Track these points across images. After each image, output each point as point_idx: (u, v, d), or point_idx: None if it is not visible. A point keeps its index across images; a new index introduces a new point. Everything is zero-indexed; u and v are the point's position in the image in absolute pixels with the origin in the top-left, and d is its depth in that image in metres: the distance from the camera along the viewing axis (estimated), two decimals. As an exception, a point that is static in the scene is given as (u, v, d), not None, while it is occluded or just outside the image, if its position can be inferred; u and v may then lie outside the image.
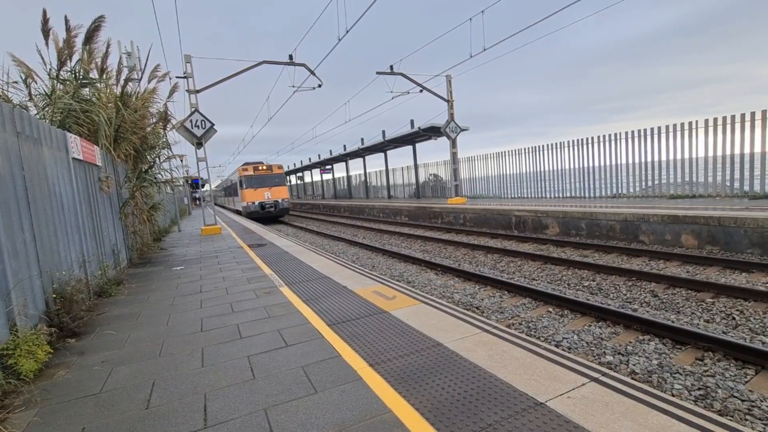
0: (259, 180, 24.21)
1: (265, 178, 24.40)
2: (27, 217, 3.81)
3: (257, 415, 2.34)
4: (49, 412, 2.57)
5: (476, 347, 3.02)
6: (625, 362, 4.07)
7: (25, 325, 3.32)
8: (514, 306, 5.96)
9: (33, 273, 3.75)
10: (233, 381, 2.79)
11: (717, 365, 3.88)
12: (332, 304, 4.42)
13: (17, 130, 3.81)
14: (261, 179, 24.29)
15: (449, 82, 17.58)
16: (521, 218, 12.60)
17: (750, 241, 7.50)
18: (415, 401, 2.35)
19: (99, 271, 5.75)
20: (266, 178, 24.43)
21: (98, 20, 6.81)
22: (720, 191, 11.25)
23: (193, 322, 4.19)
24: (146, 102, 8.95)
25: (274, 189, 24.41)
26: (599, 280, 6.97)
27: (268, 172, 24.65)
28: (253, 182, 24.04)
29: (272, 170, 24.90)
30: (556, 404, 2.23)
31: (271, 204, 23.94)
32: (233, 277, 6.21)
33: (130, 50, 12.66)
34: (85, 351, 3.59)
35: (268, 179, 24.45)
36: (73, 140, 5.39)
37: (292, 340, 3.45)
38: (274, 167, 25.19)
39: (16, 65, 5.95)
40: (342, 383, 2.64)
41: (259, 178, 24.28)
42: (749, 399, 3.29)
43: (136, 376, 3.00)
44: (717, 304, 5.39)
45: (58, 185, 4.71)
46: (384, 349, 3.13)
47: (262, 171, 24.54)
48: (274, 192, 24.34)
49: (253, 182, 24.04)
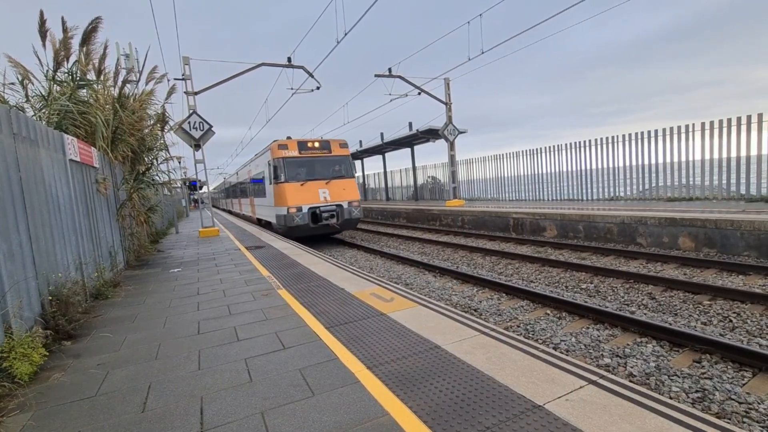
0: (308, 166, 13.43)
1: (320, 164, 13.64)
2: (23, 218, 3.79)
3: (254, 419, 2.32)
4: (44, 415, 2.54)
5: (474, 350, 3.02)
6: (623, 365, 4.07)
7: (20, 328, 3.30)
8: (512, 308, 5.96)
9: (29, 275, 3.73)
10: (230, 384, 2.77)
11: (714, 368, 3.89)
12: (330, 306, 4.41)
13: (14, 131, 3.79)
14: (312, 165, 13.49)
15: (447, 85, 17.63)
16: (519, 220, 12.62)
17: (746, 243, 7.54)
18: (412, 404, 2.35)
19: (95, 273, 5.72)
20: (322, 163, 13.67)
21: (95, 21, 6.80)
22: (717, 194, 11.30)
23: (190, 324, 4.16)
24: (144, 104, 8.94)
25: (337, 184, 13.53)
26: (597, 282, 6.98)
27: (325, 154, 13.74)
28: (299, 170, 13.29)
29: (331, 150, 13.86)
30: (554, 407, 2.23)
31: (332, 210, 13.10)
32: (231, 280, 6.19)
33: (128, 52, 12.66)
34: (81, 354, 3.56)
35: (324, 166, 13.69)
36: (70, 142, 5.37)
37: (289, 343, 3.44)
38: (334, 145, 14.00)
39: (13, 66, 5.94)
40: (340, 386, 2.63)
41: (308, 163, 13.42)
42: (747, 401, 3.30)
43: (133, 379, 2.97)
44: (714, 307, 5.40)
45: (54, 187, 4.69)
46: (382, 351, 3.12)
47: (316, 151, 13.64)
48: (337, 189, 13.44)
49: (299, 170, 13.29)
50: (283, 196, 12.77)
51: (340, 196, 13.31)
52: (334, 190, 13.32)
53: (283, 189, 12.82)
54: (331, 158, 13.80)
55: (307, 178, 13.18)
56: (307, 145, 13.41)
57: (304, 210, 12.66)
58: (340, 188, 13.45)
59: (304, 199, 12.77)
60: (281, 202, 12.84)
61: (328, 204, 13.07)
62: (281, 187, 12.92)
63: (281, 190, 12.89)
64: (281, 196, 12.86)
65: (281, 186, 12.92)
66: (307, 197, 12.84)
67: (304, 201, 12.75)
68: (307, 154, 13.39)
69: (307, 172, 13.32)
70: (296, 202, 12.63)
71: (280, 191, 12.91)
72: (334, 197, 13.20)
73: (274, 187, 13.30)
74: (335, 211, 13.08)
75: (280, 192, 12.91)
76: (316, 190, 13.04)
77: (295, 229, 12.68)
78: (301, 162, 13.28)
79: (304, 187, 12.94)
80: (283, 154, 13.06)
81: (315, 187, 13.08)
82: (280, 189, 12.98)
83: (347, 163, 14.14)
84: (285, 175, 12.91)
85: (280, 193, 12.95)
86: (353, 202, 13.55)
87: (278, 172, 13.06)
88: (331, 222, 12.95)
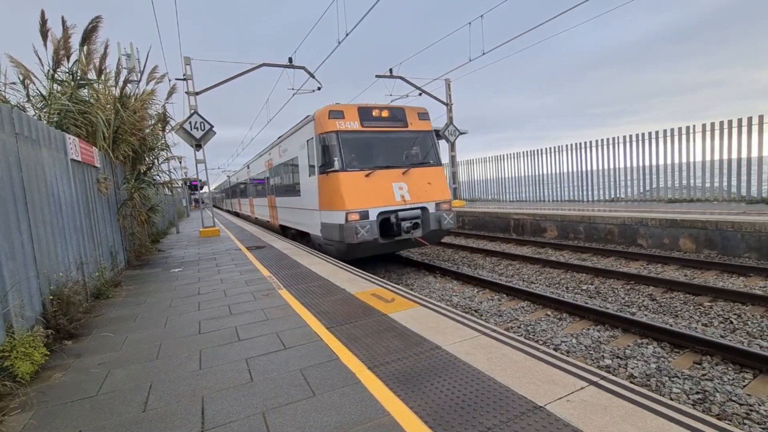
0: (375, 147, 8.74)
1: (393, 144, 8.94)
2: (25, 218, 3.80)
3: (255, 419, 2.32)
4: (46, 414, 2.55)
5: (475, 350, 3.02)
6: (624, 366, 4.07)
7: (21, 327, 3.30)
8: (512, 309, 5.96)
9: (30, 274, 3.73)
10: (231, 384, 2.77)
11: (715, 369, 3.89)
12: (331, 306, 4.41)
13: (16, 131, 3.80)
14: (380, 146, 8.80)
15: (448, 86, 17.65)
16: (520, 221, 12.62)
17: (747, 245, 7.53)
18: (413, 404, 2.35)
19: (96, 273, 5.73)
20: (395, 142, 8.96)
21: (95, 20, 6.81)
22: (717, 195, 11.29)
23: (191, 324, 4.17)
24: (145, 103, 8.95)
25: (418, 175, 8.79)
26: (597, 283, 6.98)
27: (399, 128, 8.96)
28: (361, 153, 8.51)
29: (406, 122, 9.07)
30: (555, 408, 2.23)
31: (415, 216, 8.32)
32: (231, 280, 6.19)
33: (129, 52, 12.68)
34: (82, 353, 3.56)
35: (398, 146, 8.97)
36: (72, 141, 5.38)
37: (290, 343, 3.44)
38: (410, 114, 9.16)
39: (14, 66, 5.95)
40: (340, 386, 2.63)
41: (375, 142, 8.74)
42: (747, 403, 3.29)
43: (134, 378, 2.98)
44: (715, 308, 5.40)
45: (56, 186, 4.69)
46: (383, 351, 3.12)
47: (385, 123, 8.82)
48: (419, 183, 8.72)
49: (361, 153, 8.51)
50: (336, 193, 7.87)
51: (425, 195, 8.46)
52: (416, 184, 8.44)
53: (337, 183, 7.87)
54: (407, 135, 8.88)
55: (375, 165, 8.25)
56: (372, 114, 8.50)
57: (371, 216, 7.78)
58: (423, 181, 8.57)
59: (372, 199, 7.92)
60: (333, 203, 7.98)
61: (408, 206, 8.16)
62: (333, 180, 7.96)
63: (333, 185, 7.96)
64: (333, 194, 7.96)
65: (334, 178, 7.97)
66: (376, 196, 7.96)
67: (372, 202, 7.89)
68: (373, 126, 8.47)
69: (374, 157, 8.43)
70: (359, 204, 7.77)
71: (332, 186, 8.00)
72: (416, 196, 8.35)
73: (320, 179, 8.47)
74: (419, 218, 8.17)
75: (332, 187, 8.00)
76: (388, 184, 8.12)
77: (357, 248, 7.86)
78: (364, 140, 8.40)
79: (370, 181, 7.99)
80: (336, 127, 8.10)
81: (387, 180, 8.15)
82: (331, 183, 8.06)
83: (431, 143, 9.10)
84: (341, 161, 7.96)
85: (330, 190, 8.06)
86: (442, 203, 8.60)
87: (329, 154, 8.12)
88: (414, 235, 8.08)
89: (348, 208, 7.70)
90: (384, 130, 8.68)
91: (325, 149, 8.30)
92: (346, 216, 7.65)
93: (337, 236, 7.88)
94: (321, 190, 8.53)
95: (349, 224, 7.59)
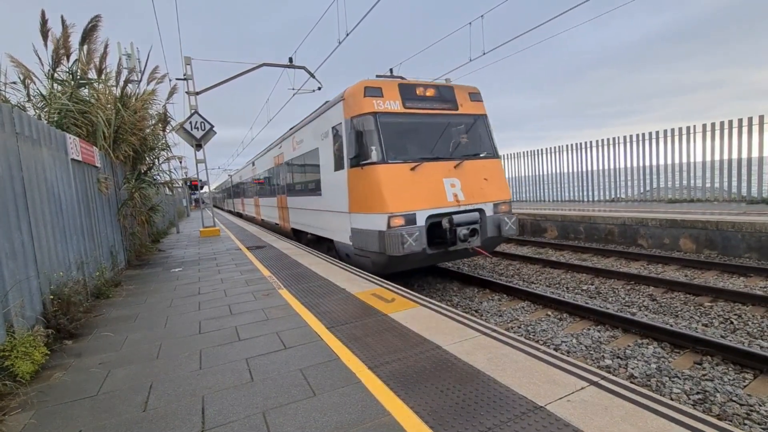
0: (419, 134, 7.00)
1: (440, 131, 7.15)
2: (25, 218, 3.80)
3: (255, 418, 2.32)
4: (46, 414, 2.55)
5: (475, 350, 3.02)
6: (624, 366, 4.07)
7: (22, 327, 3.30)
8: (513, 309, 5.96)
9: (30, 274, 3.73)
10: (231, 384, 2.77)
11: (715, 369, 3.89)
12: (331, 306, 4.41)
13: (16, 130, 3.80)
14: (426, 132, 7.04)
15: (448, 86, 17.61)
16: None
17: (747, 245, 7.53)
18: (414, 404, 2.35)
19: (97, 273, 5.73)
20: (442, 128, 7.18)
21: (95, 19, 6.80)
22: (718, 195, 11.29)
23: (191, 324, 4.17)
24: (146, 103, 8.95)
25: (473, 168, 7.06)
26: (598, 283, 6.98)
27: (447, 111, 7.19)
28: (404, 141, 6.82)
29: (456, 103, 7.31)
30: (555, 408, 2.23)
31: (472, 220, 6.61)
32: (232, 279, 6.19)
33: (130, 52, 12.68)
34: (82, 353, 3.56)
35: (446, 133, 7.21)
36: (72, 141, 5.38)
37: (290, 343, 3.44)
38: (460, 94, 7.40)
39: (15, 66, 5.95)
40: (341, 386, 2.63)
41: (419, 128, 7.00)
42: (748, 403, 3.29)
43: (134, 378, 2.98)
44: (715, 308, 5.40)
45: (56, 186, 4.70)
46: (383, 351, 3.12)
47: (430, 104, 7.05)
48: (473, 178, 6.98)
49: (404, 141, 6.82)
50: (374, 192, 6.29)
51: (481, 193, 6.88)
52: (470, 180, 6.86)
53: (377, 178, 6.27)
54: (458, 119, 7.27)
55: (421, 156, 6.67)
56: (416, 92, 6.89)
57: (419, 221, 6.27)
58: (479, 177, 6.98)
59: (419, 198, 6.34)
60: (370, 204, 6.40)
61: (462, 208, 6.61)
62: (371, 175, 6.36)
63: (370, 182, 6.36)
64: (370, 192, 6.38)
65: (371, 173, 6.36)
66: (424, 195, 6.40)
67: (419, 203, 6.32)
68: (417, 108, 6.84)
69: (419, 146, 6.83)
70: (405, 206, 6.19)
71: (368, 183, 6.41)
72: (471, 195, 6.77)
73: (351, 175, 6.85)
74: (478, 223, 6.62)
75: (368, 184, 6.42)
76: (438, 180, 6.57)
77: (400, 262, 6.34)
78: (407, 125, 6.82)
79: (417, 176, 6.42)
80: (374, 107, 6.50)
81: (436, 176, 6.59)
82: (366, 179, 6.45)
83: (486, 130, 7.49)
84: (381, 150, 6.37)
85: (366, 187, 6.48)
86: (502, 204, 7.07)
87: (365, 143, 6.51)
88: (471, 244, 6.45)
89: (391, 211, 6.07)
90: (430, 112, 6.96)
91: (358, 136, 6.61)
92: (388, 221, 6.05)
93: (374, 246, 6.24)
94: (352, 188, 6.85)
95: (393, 231, 5.97)
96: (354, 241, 6.96)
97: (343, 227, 7.39)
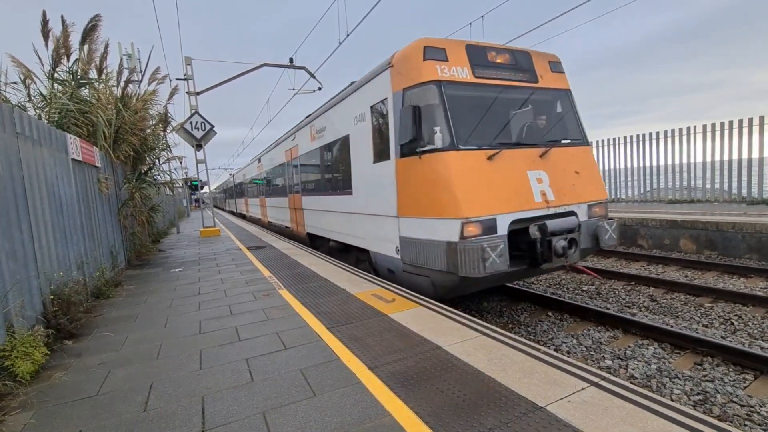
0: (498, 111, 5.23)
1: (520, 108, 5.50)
2: (25, 218, 3.80)
3: (255, 419, 2.32)
4: (46, 414, 2.55)
5: (476, 351, 3.02)
6: (625, 366, 4.07)
7: (22, 327, 3.30)
8: (513, 310, 5.95)
9: (31, 274, 3.73)
10: (231, 384, 2.77)
11: (716, 370, 3.88)
12: (331, 306, 4.41)
13: (17, 130, 3.80)
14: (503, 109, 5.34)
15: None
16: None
17: (748, 245, 7.53)
18: (414, 405, 2.35)
19: (97, 273, 5.73)
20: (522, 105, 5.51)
21: (95, 19, 6.80)
22: (718, 196, 11.29)
23: (191, 324, 4.17)
24: (146, 103, 8.96)
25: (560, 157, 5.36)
26: (598, 284, 6.98)
27: (528, 83, 5.52)
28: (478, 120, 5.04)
29: (536, 74, 5.61)
30: (555, 408, 2.23)
31: (570, 224, 4.90)
32: (232, 279, 6.19)
33: (130, 52, 12.70)
34: (82, 353, 3.56)
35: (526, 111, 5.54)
36: (73, 141, 5.38)
37: (290, 343, 3.44)
38: (539, 62, 5.70)
39: (16, 66, 5.95)
40: (341, 386, 2.63)
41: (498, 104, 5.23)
42: (748, 404, 3.29)
43: (134, 378, 2.98)
44: (715, 309, 5.40)
45: (57, 186, 4.70)
46: (383, 352, 3.12)
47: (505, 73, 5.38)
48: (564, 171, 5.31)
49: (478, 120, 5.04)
50: (441, 188, 4.78)
51: (572, 192, 5.35)
52: (559, 174, 5.35)
53: (445, 170, 4.77)
54: (538, 94, 5.68)
55: (499, 142, 5.17)
56: (488, 57, 5.41)
57: (500, 228, 4.74)
58: (569, 170, 5.48)
59: (500, 198, 4.83)
60: (433, 205, 4.88)
61: (551, 210, 5.09)
62: (435, 166, 4.88)
63: (435, 174, 4.87)
64: (434, 189, 4.88)
65: (435, 162, 4.87)
66: (506, 193, 4.89)
67: (501, 204, 4.80)
68: (491, 78, 5.34)
69: (495, 128, 5.29)
70: (482, 209, 4.65)
71: (432, 176, 4.90)
72: (562, 193, 5.25)
73: (401, 166, 5.36)
74: (577, 230, 5.11)
75: (432, 179, 4.90)
76: (522, 173, 5.09)
77: (474, 283, 4.91)
78: (480, 99, 5.25)
79: (495, 168, 4.93)
80: (437, 74, 5.02)
81: (519, 167, 5.11)
82: (427, 171, 4.96)
83: (571, 109, 5.94)
84: (450, 132, 4.85)
85: (426, 182, 4.97)
86: (596, 205, 5.57)
87: (426, 122, 4.99)
88: (570, 260, 5.04)
89: (466, 216, 4.45)
90: (506, 84, 5.34)
91: (415, 114, 4.87)
92: (461, 228, 4.43)
93: (439, 262, 4.64)
94: (403, 184, 5.27)
95: (470, 244, 4.29)
96: (405, 254, 5.31)
97: (385, 235, 5.81)
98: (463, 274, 4.38)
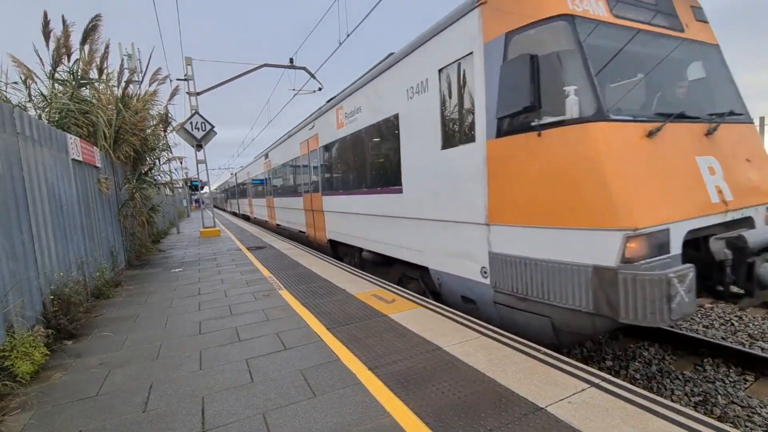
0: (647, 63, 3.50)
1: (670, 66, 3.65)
2: (26, 218, 3.80)
3: (255, 419, 2.32)
4: (46, 414, 2.54)
5: (476, 351, 3.01)
6: (625, 367, 4.06)
7: (22, 327, 3.30)
8: (513, 310, 5.94)
9: (31, 274, 3.73)
10: (231, 384, 2.77)
11: (716, 371, 3.88)
12: (331, 307, 4.41)
13: (17, 130, 3.80)
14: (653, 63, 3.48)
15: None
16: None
17: (748, 246, 7.48)
18: (414, 405, 2.34)
19: (97, 273, 5.72)
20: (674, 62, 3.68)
21: (95, 19, 6.80)
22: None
23: (191, 324, 4.16)
24: (147, 104, 8.96)
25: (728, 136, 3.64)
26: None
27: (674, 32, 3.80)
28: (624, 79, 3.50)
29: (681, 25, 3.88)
30: (556, 409, 2.22)
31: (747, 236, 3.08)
32: (232, 280, 6.19)
33: (131, 52, 12.71)
34: (82, 353, 3.56)
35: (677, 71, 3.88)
36: (73, 141, 5.38)
37: (290, 344, 3.44)
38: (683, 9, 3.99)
39: (16, 66, 5.96)
40: (341, 387, 2.62)
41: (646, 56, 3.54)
42: (749, 405, 3.29)
43: (134, 378, 2.97)
44: (716, 310, 5.39)
45: (57, 186, 4.70)
46: (383, 352, 3.11)
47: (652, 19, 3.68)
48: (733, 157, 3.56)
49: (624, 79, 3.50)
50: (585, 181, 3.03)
51: (750, 187, 3.66)
52: (731, 160, 3.62)
53: (592, 149, 3.02)
54: (686, 47, 3.93)
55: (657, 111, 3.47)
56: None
57: (673, 245, 3.02)
58: (740, 156, 3.73)
59: (670, 196, 3.08)
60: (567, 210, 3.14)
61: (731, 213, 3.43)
62: (573, 143, 3.11)
63: (572, 158, 3.11)
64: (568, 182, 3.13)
65: (573, 137, 3.12)
66: (674, 189, 3.12)
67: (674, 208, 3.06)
68: (632, 20, 3.60)
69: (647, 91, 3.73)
70: (652, 215, 2.93)
71: (564, 162, 3.16)
72: (741, 190, 3.54)
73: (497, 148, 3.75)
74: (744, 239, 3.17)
75: (563, 165, 3.17)
76: (689, 158, 3.33)
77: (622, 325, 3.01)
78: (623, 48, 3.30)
79: (658, 149, 3.18)
80: (566, 6, 3.30)
81: (685, 149, 3.35)
82: (559, 153, 3.20)
83: (725, 72, 4.27)
84: (595, 92, 3.11)
85: (556, 172, 3.22)
86: None
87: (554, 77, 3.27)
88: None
89: (633, 225, 2.89)
90: (650, 30, 3.73)
91: (534, 67, 3.32)
92: (623, 245, 2.89)
93: (578, 298, 3.14)
94: (500, 175, 3.75)
95: (642, 272, 2.79)
96: (500, 279, 3.82)
97: (461, 249, 4.34)
98: (627, 320, 2.84)
